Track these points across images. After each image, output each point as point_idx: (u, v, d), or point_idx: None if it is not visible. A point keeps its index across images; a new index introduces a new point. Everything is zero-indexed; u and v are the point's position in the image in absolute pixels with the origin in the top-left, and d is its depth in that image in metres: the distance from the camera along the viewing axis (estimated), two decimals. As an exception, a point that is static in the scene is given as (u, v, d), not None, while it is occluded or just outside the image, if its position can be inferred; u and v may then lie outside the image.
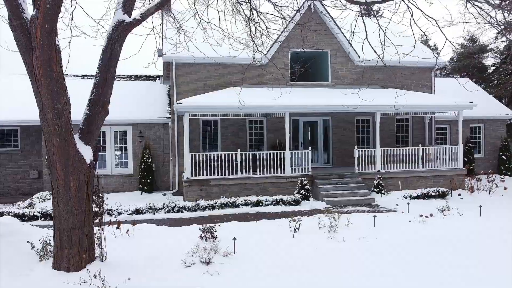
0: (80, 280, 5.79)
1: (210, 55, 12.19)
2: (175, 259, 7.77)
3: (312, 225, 10.29)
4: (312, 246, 8.80)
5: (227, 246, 8.27)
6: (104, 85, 7.27)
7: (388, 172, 16.17)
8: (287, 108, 15.03)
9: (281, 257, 8.11)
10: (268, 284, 6.76)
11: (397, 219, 11.31)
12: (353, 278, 6.93)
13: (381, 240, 9.22)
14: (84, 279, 5.81)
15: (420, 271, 7.18)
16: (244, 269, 7.43)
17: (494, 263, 7.49)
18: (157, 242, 9.36)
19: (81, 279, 5.75)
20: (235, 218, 12.25)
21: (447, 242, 8.89)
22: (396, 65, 18.56)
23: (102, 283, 5.70)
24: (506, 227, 10.27)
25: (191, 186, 14.63)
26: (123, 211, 12.87)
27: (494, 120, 21.90)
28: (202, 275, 7.11)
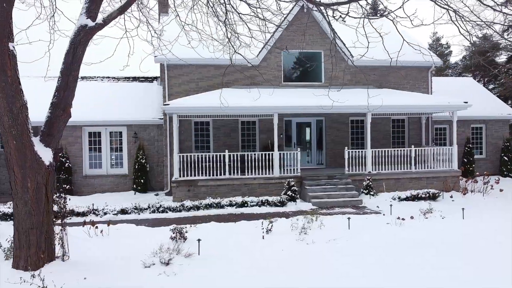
0: (21, 279, 5.94)
1: (200, 56, 12.33)
2: (139, 260, 7.88)
3: (286, 226, 10.28)
4: (279, 248, 8.80)
5: (189, 247, 8.34)
6: (65, 89, 7.43)
7: (379, 173, 16.00)
8: (270, 109, 15.06)
9: (244, 259, 8.14)
10: (222, 285, 6.81)
11: (376, 221, 11.20)
12: (312, 280, 6.92)
13: (352, 242, 9.15)
14: (24, 279, 5.96)
15: (381, 273, 7.12)
16: (203, 270, 7.49)
17: (455, 266, 7.37)
18: (131, 242, 9.49)
19: (22, 278, 5.89)
20: (217, 219, 12.33)
21: (418, 245, 8.77)
22: (391, 65, 18.48)
23: (42, 282, 5.83)
24: (486, 230, 10.06)
25: (179, 187, 14.77)
26: (108, 211, 13.09)
27: (496, 120, 21.42)
28: (158, 275, 7.20)
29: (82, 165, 17.97)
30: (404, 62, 18.75)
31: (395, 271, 7.23)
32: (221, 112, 14.23)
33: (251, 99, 14.87)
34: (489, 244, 8.61)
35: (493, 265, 7.31)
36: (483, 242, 8.83)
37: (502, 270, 7.10)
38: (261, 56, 17.52)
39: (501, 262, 7.46)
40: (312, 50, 18.33)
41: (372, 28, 8.59)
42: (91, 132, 18.19)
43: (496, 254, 7.94)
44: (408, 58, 18.69)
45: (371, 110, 12.55)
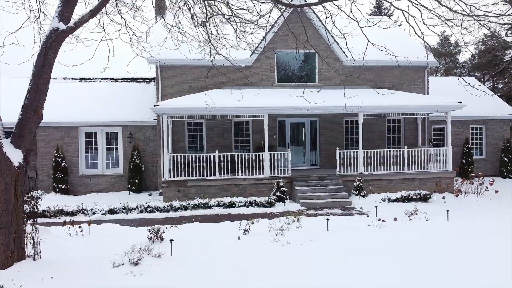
0: (-22, 278, 6.08)
1: (186, 58, 12.45)
2: (111, 259, 7.98)
3: (265, 227, 10.29)
4: (253, 249, 8.82)
5: (164, 248, 8.42)
6: (37, 91, 7.56)
7: (371, 174, 15.89)
8: (256, 110, 15.06)
9: (215, 259, 8.19)
10: (185, 285, 6.87)
11: (358, 222, 11.14)
12: (274, 280, 6.94)
13: (327, 244, 9.13)
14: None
15: (352, 275, 7.11)
16: (170, 270, 7.56)
17: (426, 270, 7.30)
18: (110, 242, 9.59)
19: (-21, 277, 6.03)
20: (202, 220, 12.40)
21: (393, 247, 8.71)
22: (386, 65, 18.40)
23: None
24: (466, 232, 9.93)
25: (169, 187, 14.89)
26: (97, 211, 13.27)
27: (497, 120, 21.08)
28: (125, 275, 7.29)
29: (78, 165, 18.23)
30: (399, 62, 18.73)
31: (358, 274, 7.20)
32: (208, 113, 14.31)
33: (241, 100, 14.95)
34: (460, 247, 8.50)
35: (448, 272, 7.16)
36: (457, 245, 8.72)
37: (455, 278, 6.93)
38: (254, 56, 17.55)
39: (461, 268, 7.31)
40: (306, 50, 18.22)
41: (367, 28, 8.54)
42: (87, 132, 18.44)
43: (461, 258, 7.81)
44: (403, 58, 18.68)
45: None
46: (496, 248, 8.40)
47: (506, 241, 8.89)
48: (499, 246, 8.54)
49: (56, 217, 13.04)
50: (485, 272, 7.05)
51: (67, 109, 18.48)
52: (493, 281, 6.66)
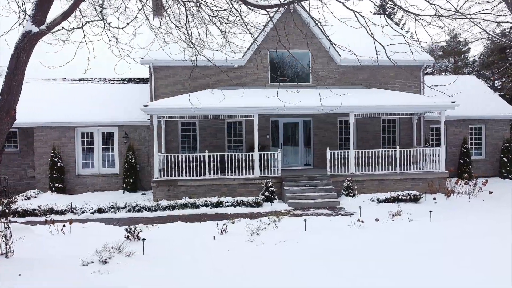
0: None
1: (181, 58, 12.48)
2: (82, 258, 8.12)
3: (243, 227, 10.34)
4: (225, 249, 8.88)
5: (134, 247, 8.53)
6: (9, 93, 7.73)
7: (362, 175, 15.81)
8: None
9: (185, 258, 8.27)
10: (148, 283, 6.97)
11: (339, 223, 11.11)
12: (240, 280, 7.00)
13: (302, 244, 9.14)
14: None
15: (317, 274, 7.15)
16: (138, 269, 7.67)
17: (389, 271, 7.27)
18: (89, 240, 9.70)
19: None
20: (188, 219, 12.50)
21: (366, 248, 8.68)
22: (381, 64, 18.21)
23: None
24: (446, 234, 9.83)
25: (159, 187, 15.04)
26: (86, 210, 13.48)
27: (497, 120, 20.73)
28: (92, 273, 7.42)
29: (75, 164, 18.52)
30: (396, 61, 18.55)
31: (323, 273, 7.20)
32: (194, 113, 14.41)
33: (230, 100, 15.02)
34: (432, 249, 8.43)
35: (409, 274, 7.11)
36: (429, 246, 8.65)
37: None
38: (247, 57, 17.59)
39: (426, 271, 7.25)
40: (299, 50, 18.23)
41: (362, 27, 8.48)
42: (84, 132, 18.72)
43: (429, 262, 7.74)
44: (399, 57, 18.51)
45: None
46: (470, 251, 8.30)
47: (484, 243, 8.77)
48: (475, 249, 8.43)
49: (45, 215, 13.25)
50: (450, 274, 6.99)
51: (64, 109, 18.79)
52: (461, 282, 6.61)
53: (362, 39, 9.11)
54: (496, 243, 8.66)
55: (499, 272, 6.97)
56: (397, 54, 18.80)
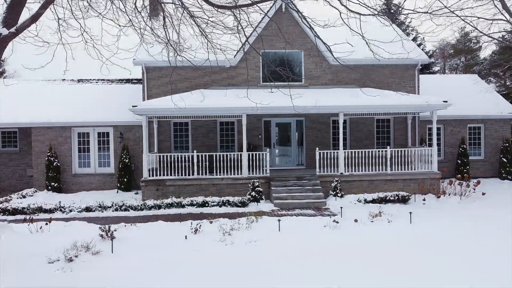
0: None
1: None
2: (50, 256, 8.28)
3: (217, 227, 10.38)
4: (194, 249, 8.96)
5: (105, 245, 8.66)
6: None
7: (351, 175, 15.69)
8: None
9: (152, 258, 8.38)
10: (106, 282, 7.08)
11: (316, 223, 11.02)
12: (195, 279, 7.08)
13: (271, 244, 9.16)
14: None
15: (278, 274, 7.23)
16: (101, 267, 7.81)
17: (344, 273, 7.24)
18: (66, 238, 9.80)
19: None
20: (171, 218, 12.60)
21: (332, 250, 8.65)
22: (375, 63, 18.10)
23: None
24: (424, 236, 9.71)
25: (147, 186, 15.20)
26: (74, 209, 13.71)
27: (496, 119, 20.30)
28: (55, 271, 7.59)
29: (71, 164, 18.84)
30: (389, 60, 18.38)
31: (284, 273, 7.21)
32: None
33: (214, 100, 15.11)
34: (398, 252, 8.35)
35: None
36: (392, 249, 8.57)
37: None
38: (239, 57, 17.63)
39: (372, 275, 7.19)
40: (292, 50, 18.20)
41: (355, 26, 8.44)
42: (80, 132, 19.03)
43: (384, 265, 7.68)
44: (394, 56, 18.31)
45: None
46: (435, 255, 8.18)
47: (454, 247, 8.63)
48: (441, 253, 8.31)
49: (34, 214, 13.55)
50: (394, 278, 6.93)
51: (61, 110, 19.13)
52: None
53: (355, 38, 8.99)
54: (462, 247, 8.53)
55: (447, 277, 6.91)
56: (393, 53, 18.62)
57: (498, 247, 8.59)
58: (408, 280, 6.84)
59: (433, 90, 20.20)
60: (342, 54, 12.51)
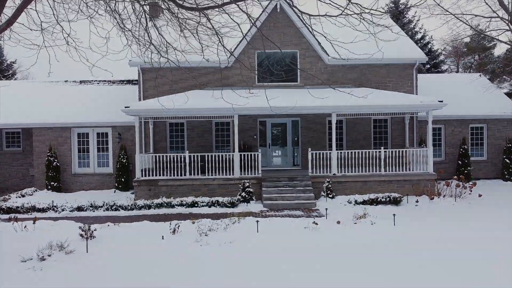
0: None
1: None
2: (23, 254, 8.42)
3: (197, 227, 10.41)
4: (169, 249, 8.99)
5: (72, 245, 8.77)
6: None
7: (344, 176, 15.54)
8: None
9: (125, 258, 8.44)
10: (73, 281, 7.19)
11: (297, 224, 10.93)
12: (166, 279, 7.15)
13: (246, 245, 9.14)
14: None
15: (248, 275, 7.26)
16: (72, 267, 7.90)
17: (312, 275, 7.18)
18: (48, 237, 9.98)
19: None
20: (159, 218, 12.72)
21: (308, 252, 8.58)
22: (372, 63, 17.91)
23: None
24: (398, 239, 9.54)
25: (140, 186, 15.36)
26: (66, 208, 13.96)
27: (499, 119, 19.83)
28: (26, 270, 7.72)
29: (71, 164, 19.18)
30: (386, 59, 18.17)
31: (248, 275, 7.21)
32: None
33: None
34: (357, 256, 8.25)
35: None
36: (365, 252, 8.47)
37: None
38: (233, 57, 17.59)
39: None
40: (287, 50, 18.14)
41: (351, 24, 8.39)
42: (79, 133, 19.35)
43: (351, 268, 7.60)
44: (390, 55, 18.12)
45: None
46: (410, 260, 8.03)
47: (422, 252, 8.43)
48: (410, 257, 8.14)
49: (28, 213, 13.86)
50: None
51: (62, 110, 19.49)
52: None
53: (351, 37, 8.90)
54: (430, 253, 8.33)
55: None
56: (389, 52, 18.49)
57: (467, 256, 8.19)
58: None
59: (434, 89, 19.87)
60: (336, 54, 12.43)
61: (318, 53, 17.94)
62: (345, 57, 15.63)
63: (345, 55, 12.18)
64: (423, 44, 33.91)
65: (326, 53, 17.50)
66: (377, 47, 9.68)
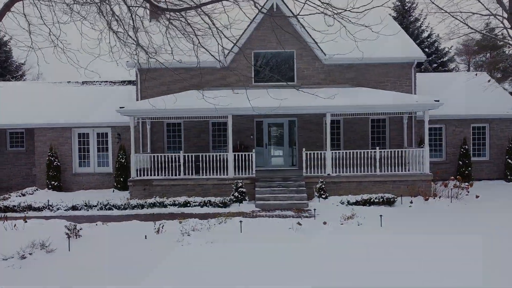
0: None
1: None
2: (5, 253, 8.57)
3: (181, 227, 10.47)
4: (149, 248, 9.08)
5: (53, 244, 8.90)
6: None
7: (339, 176, 15.44)
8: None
9: (105, 257, 8.55)
10: (47, 279, 7.32)
11: (282, 225, 10.90)
12: (141, 279, 7.24)
13: (226, 245, 9.18)
14: None
15: (222, 274, 7.32)
16: (51, 265, 8.04)
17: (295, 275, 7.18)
18: (34, 236, 10.06)
19: None
20: (151, 218, 12.79)
21: (285, 253, 8.57)
22: (369, 62, 17.78)
23: None
24: (390, 240, 9.46)
25: (135, 186, 15.51)
26: (61, 207, 14.19)
27: (502, 119, 19.45)
28: (6, 267, 7.89)
29: (72, 164, 19.47)
30: (383, 58, 18.00)
31: (220, 275, 7.24)
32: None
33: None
34: (333, 257, 8.21)
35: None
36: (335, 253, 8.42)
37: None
38: (230, 57, 17.68)
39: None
40: (284, 49, 18.08)
41: (348, 23, 8.35)
42: (80, 133, 19.63)
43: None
44: (388, 54, 17.93)
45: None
46: (371, 261, 7.96)
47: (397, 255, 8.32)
48: (378, 259, 8.06)
49: (24, 212, 14.12)
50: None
51: (63, 111, 19.80)
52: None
53: (349, 35, 8.84)
54: (406, 256, 8.22)
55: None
56: (387, 51, 18.26)
57: (441, 261, 8.05)
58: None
59: (435, 89, 19.62)
60: (333, 53, 12.38)
61: (315, 53, 17.86)
62: (342, 56, 15.64)
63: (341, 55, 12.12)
64: (429, 43, 33.44)
65: (323, 52, 17.40)
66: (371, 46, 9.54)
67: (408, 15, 34.00)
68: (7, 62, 33.37)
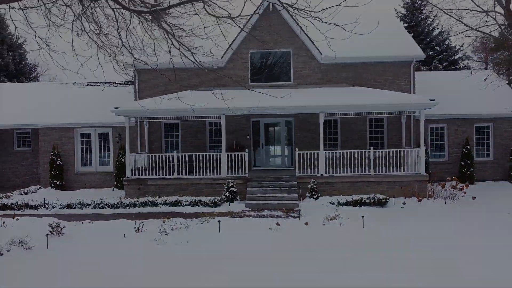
0: None
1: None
2: (-9, 249, 8.89)
3: (159, 226, 10.56)
4: (127, 248, 9.22)
5: (32, 242, 9.12)
6: None
7: (332, 176, 15.32)
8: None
9: (81, 255, 8.73)
10: (23, 276, 7.53)
11: (261, 225, 10.90)
12: (111, 278, 7.38)
13: (200, 245, 9.27)
14: None
15: (183, 275, 7.38)
16: (26, 262, 8.26)
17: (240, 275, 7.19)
18: (19, 233, 10.33)
19: None
20: (139, 217, 12.96)
21: (257, 254, 8.58)
22: (367, 61, 17.58)
23: None
24: (369, 241, 9.36)
25: (130, 185, 15.75)
26: (56, 205, 14.53)
27: (507, 118, 18.91)
28: (-18, 264, 8.15)
29: (74, 163, 19.90)
30: (381, 57, 17.77)
31: (189, 275, 7.31)
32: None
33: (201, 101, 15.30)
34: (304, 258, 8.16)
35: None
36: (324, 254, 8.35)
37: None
38: (226, 57, 17.75)
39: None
40: (280, 49, 18.04)
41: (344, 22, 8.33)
42: (82, 133, 20.05)
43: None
44: (386, 53, 17.68)
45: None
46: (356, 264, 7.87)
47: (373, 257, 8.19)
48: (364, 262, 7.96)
49: (21, 209, 14.52)
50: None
51: (67, 111, 20.27)
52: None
53: (347, 34, 8.81)
54: (381, 259, 8.08)
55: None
56: (385, 50, 18.02)
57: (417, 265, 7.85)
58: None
59: (436, 88, 19.21)
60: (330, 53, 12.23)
61: (312, 52, 17.74)
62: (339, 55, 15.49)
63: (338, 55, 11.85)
64: (440, 41, 32.75)
65: (319, 51, 17.28)
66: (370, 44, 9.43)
67: (418, 12, 33.39)
68: (21, 64, 34.31)
